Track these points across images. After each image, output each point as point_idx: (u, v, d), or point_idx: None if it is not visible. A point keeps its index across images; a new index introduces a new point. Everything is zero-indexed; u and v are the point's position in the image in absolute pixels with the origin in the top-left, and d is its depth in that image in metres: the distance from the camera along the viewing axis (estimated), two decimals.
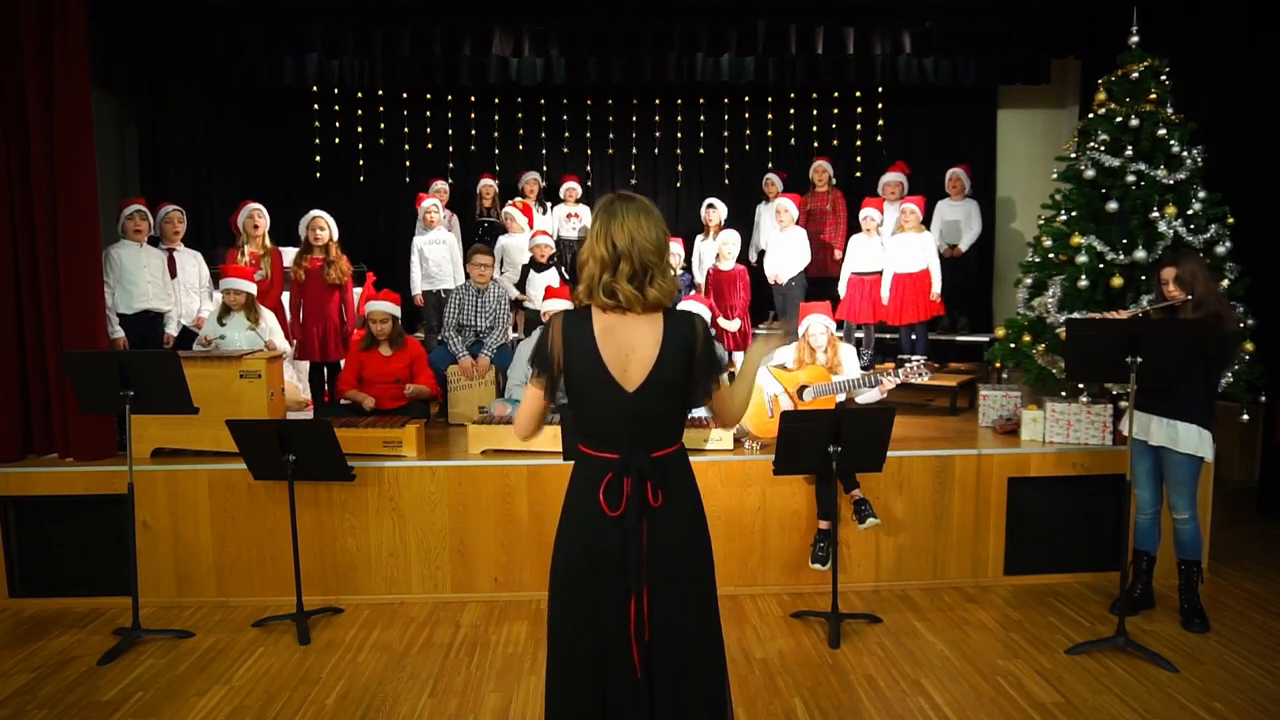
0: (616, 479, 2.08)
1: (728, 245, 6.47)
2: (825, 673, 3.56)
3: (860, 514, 4.20)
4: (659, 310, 2.11)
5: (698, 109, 8.34)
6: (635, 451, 2.08)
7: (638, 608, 2.07)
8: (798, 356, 4.71)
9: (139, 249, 5.19)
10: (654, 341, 2.08)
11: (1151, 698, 3.32)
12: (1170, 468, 3.86)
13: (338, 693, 3.45)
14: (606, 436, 2.11)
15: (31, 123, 4.31)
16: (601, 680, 2.12)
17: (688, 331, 2.11)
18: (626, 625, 2.08)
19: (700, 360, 2.13)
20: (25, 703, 3.38)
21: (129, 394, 3.76)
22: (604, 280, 2.07)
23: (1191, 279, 3.77)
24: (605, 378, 2.07)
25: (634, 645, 2.08)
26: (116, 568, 4.14)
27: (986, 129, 7.80)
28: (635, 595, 2.07)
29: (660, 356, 2.07)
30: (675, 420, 2.18)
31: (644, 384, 2.07)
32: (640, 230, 2.08)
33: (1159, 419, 3.82)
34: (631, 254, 2.06)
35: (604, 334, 2.08)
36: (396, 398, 5.04)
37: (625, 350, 2.07)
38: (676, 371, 2.09)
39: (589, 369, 2.07)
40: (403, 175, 8.44)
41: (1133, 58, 4.79)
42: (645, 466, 2.08)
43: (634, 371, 2.07)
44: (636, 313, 2.08)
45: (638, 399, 2.07)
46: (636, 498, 2.07)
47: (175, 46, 6.33)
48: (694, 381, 2.15)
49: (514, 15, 6.40)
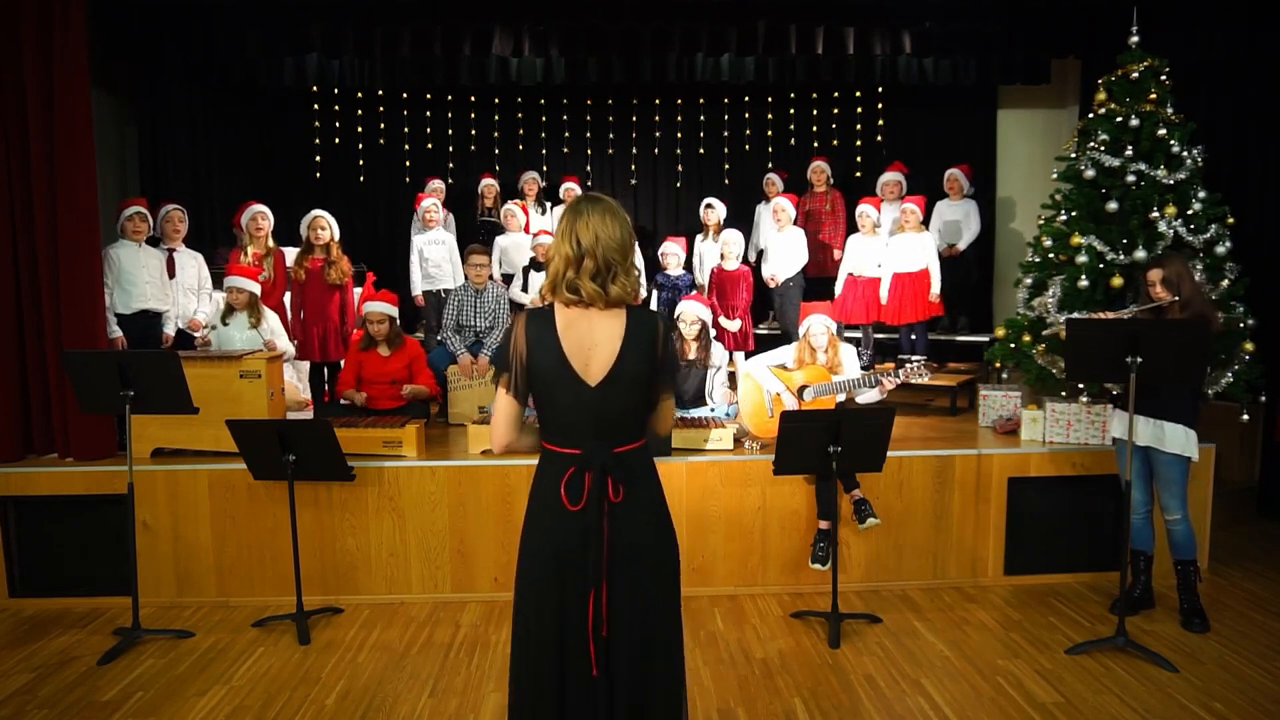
0: (578, 474, 2.11)
1: (731, 245, 6.48)
2: (825, 673, 3.56)
3: (860, 514, 4.20)
4: (621, 306, 2.15)
5: (698, 109, 8.34)
6: (598, 447, 2.11)
7: (596, 603, 2.10)
8: (798, 356, 4.71)
9: (138, 249, 5.18)
10: (616, 336, 2.11)
11: (1151, 698, 3.32)
12: (1157, 467, 3.88)
13: (338, 693, 3.45)
14: (569, 432, 2.14)
15: (31, 123, 4.31)
16: (563, 676, 2.14)
17: (650, 328, 2.15)
18: (583, 619, 2.11)
19: (661, 360, 2.17)
20: (25, 703, 3.38)
21: (129, 394, 3.76)
22: (568, 277, 2.10)
23: (1178, 280, 3.78)
24: (568, 372, 2.09)
25: (590, 641, 2.10)
26: (116, 568, 4.14)
27: (986, 129, 7.79)
28: (595, 590, 2.10)
29: (622, 351, 2.10)
30: (638, 416, 2.19)
31: (606, 378, 2.10)
32: (605, 229, 2.11)
33: (1144, 419, 3.83)
34: (595, 251, 2.09)
35: (566, 330, 2.11)
36: (395, 398, 5.04)
37: (587, 345, 2.10)
38: (638, 367, 2.12)
39: (552, 364, 2.10)
40: (403, 175, 8.44)
41: (1133, 58, 4.79)
42: (607, 462, 2.11)
43: (596, 366, 2.10)
44: (599, 309, 2.12)
45: (600, 394, 2.10)
46: (597, 492, 2.10)
47: (175, 46, 6.32)
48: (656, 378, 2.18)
49: (514, 15, 6.40)
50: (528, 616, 2.17)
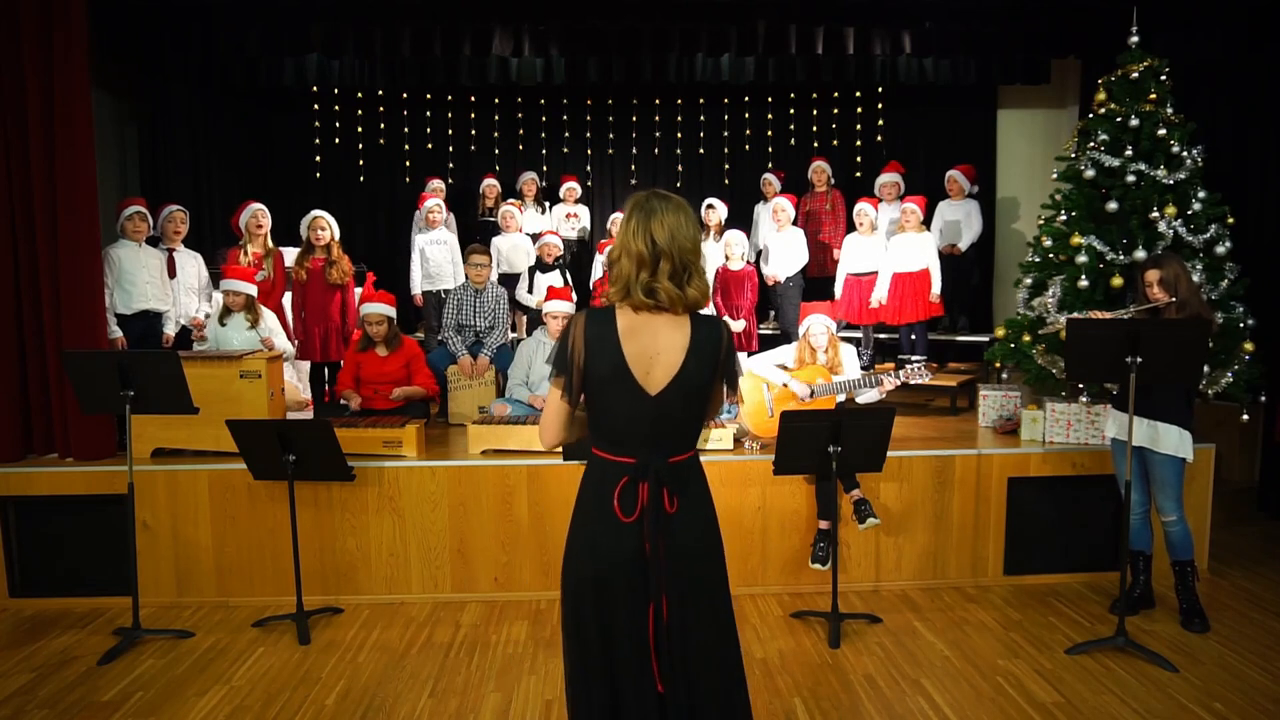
0: (632, 484, 2.02)
1: (734, 246, 6.48)
2: (825, 673, 3.56)
3: (860, 514, 4.20)
4: (688, 312, 2.05)
5: (698, 109, 8.34)
6: (653, 456, 2.03)
7: (657, 616, 2.02)
8: (798, 356, 4.71)
9: (138, 249, 5.18)
10: (681, 345, 2.02)
11: (1151, 698, 3.32)
12: (1152, 468, 3.88)
13: (338, 693, 3.45)
14: (623, 440, 2.05)
15: (31, 123, 4.31)
16: (615, 690, 2.06)
17: (715, 336, 2.06)
18: (642, 633, 2.02)
19: (724, 369, 2.09)
20: (25, 703, 3.38)
21: (129, 394, 3.76)
22: (642, 279, 2.00)
23: (1175, 280, 3.78)
24: (627, 379, 2.00)
25: (654, 655, 2.02)
26: (116, 568, 4.14)
27: (986, 129, 7.80)
28: (654, 603, 2.02)
29: (686, 360, 2.01)
30: (694, 426, 2.11)
31: (667, 387, 2.01)
32: (680, 228, 2.01)
33: (1139, 419, 3.82)
34: (672, 252, 2.00)
35: (628, 335, 2.01)
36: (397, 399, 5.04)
37: (650, 352, 2.01)
38: (701, 376, 2.04)
39: (610, 370, 2.00)
40: (403, 175, 8.44)
41: (1133, 58, 4.79)
42: (662, 471, 2.03)
43: (657, 374, 2.01)
44: (674, 313, 2.03)
45: (659, 403, 2.01)
46: (653, 504, 2.01)
47: (175, 46, 6.33)
48: (716, 386, 2.10)
49: (514, 15, 6.40)
50: (582, 633, 2.08)
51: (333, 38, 6.39)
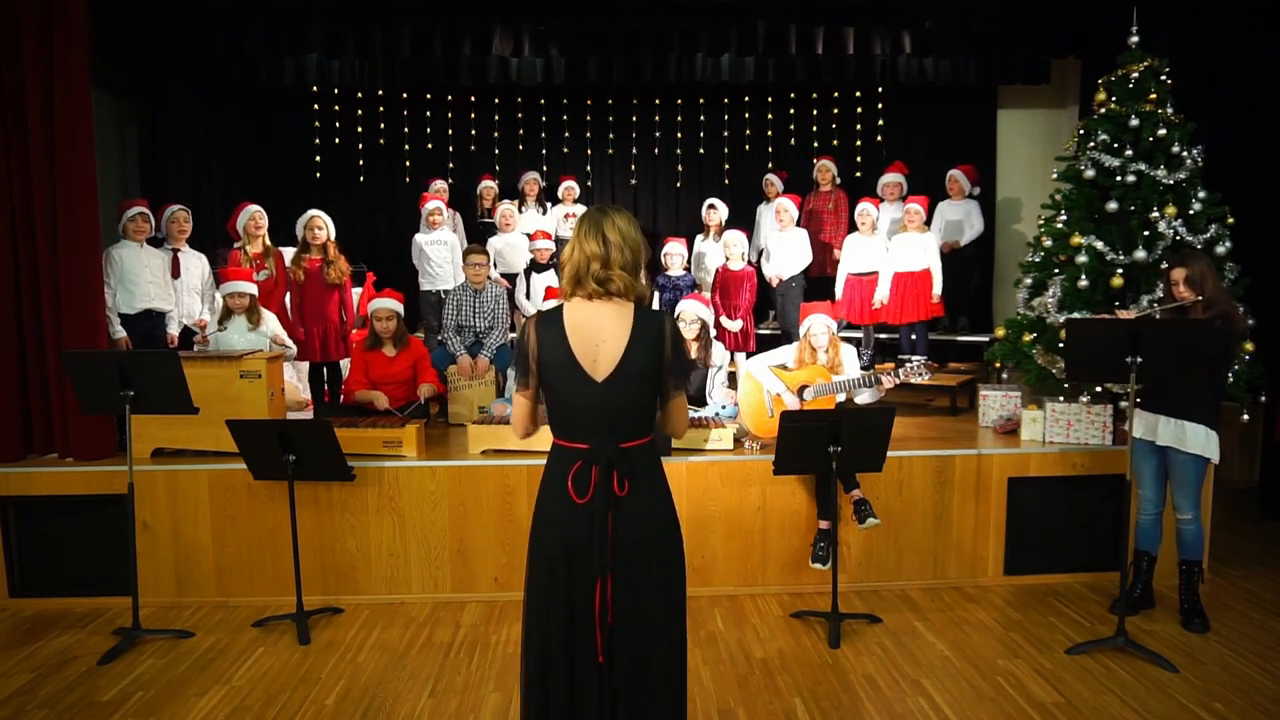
0: (585, 468, 2.19)
1: (734, 246, 6.48)
2: (825, 673, 3.56)
3: (860, 514, 4.20)
4: (632, 303, 2.23)
5: (698, 109, 8.34)
6: (604, 441, 2.18)
7: (602, 592, 2.17)
8: (798, 356, 4.70)
9: (139, 249, 5.18)
10: (623, 333, 2.19)
11: (1151, 698, 3.32)
12: (1176, 468, 3.86)
13: (338, 693, 3.45)
14: (577, 427, 2.22)
15: (31, 123, 4.31)
16: (571, 661, 2.21)
17: (657, 327, 2.23)
18: (589, 607, 2.18)
19: (669, 360, 2.25)
20: (25, 703, 3.38)
21: (129, 394, 3.76)
22: (594, 270, 2.19)
23: (1201, 279, 3.76)
24: (575, 368, 2.17)
25: (597, 628, 2.17)
26: (116, 568, 4.14)
27: (986, 129, 7.80)
28: (600, 579, 2.17)
29: (628, 348, 2.18)
30: (644, 412, 2.26)
31: (612, 374, 2.17)
32: (629, 230, 2.24)
33: (1166, 419, 3.81)
34: (624, 247, 2.21)
35: (574, 327, 2.19)
36: (402, 398, 5.04)
37: (595, 341, 2.18)
38: (644, 363, 2.19)
39: (560, 360, 2.18)
40: (403, 175, 8.44)
41: (1133, 58, 4.79)
42: (613, 456, 2.18)
43: (603, 362, 2.18)
44: (625, 300, 2.21)
45: (606, 389, 2.18)
46: (603, 485, 2.17)
47: (175, 46, 6.32)
48: (663, 377, 2.25)
49: (514, 15, 6.40)
50: (537, 605, 2.24)
51: (333, 38, 6.39)
